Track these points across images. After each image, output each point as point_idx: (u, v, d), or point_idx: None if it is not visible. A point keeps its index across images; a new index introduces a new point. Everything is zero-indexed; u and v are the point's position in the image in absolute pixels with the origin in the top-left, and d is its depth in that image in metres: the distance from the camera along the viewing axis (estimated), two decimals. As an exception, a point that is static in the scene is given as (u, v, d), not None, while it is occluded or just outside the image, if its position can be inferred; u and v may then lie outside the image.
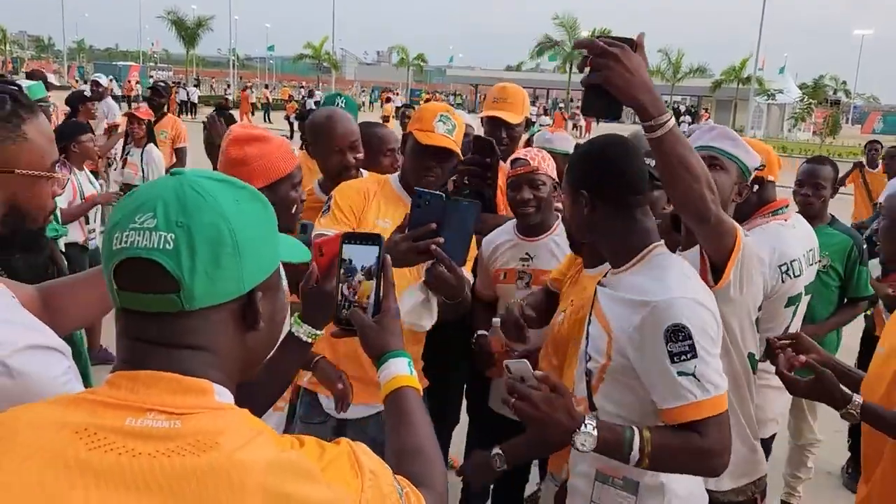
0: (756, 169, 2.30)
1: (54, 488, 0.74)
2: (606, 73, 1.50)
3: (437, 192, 1.89)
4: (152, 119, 6.46)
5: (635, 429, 1.59)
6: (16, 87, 1.26)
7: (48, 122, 1.31)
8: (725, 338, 1.95)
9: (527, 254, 2.68)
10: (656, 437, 1.58)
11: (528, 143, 3.62)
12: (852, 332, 3.71)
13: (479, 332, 2.61)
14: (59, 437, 0.76)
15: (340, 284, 1.31)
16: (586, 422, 1.57)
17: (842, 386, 1.93)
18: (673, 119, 1.58)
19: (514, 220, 2.78)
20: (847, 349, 3.55)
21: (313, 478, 0.80)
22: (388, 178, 2.48)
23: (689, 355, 1.56)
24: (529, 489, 2.96)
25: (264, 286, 0.90)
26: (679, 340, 1.56)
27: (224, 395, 0.86)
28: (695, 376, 1.56)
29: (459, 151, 2.33)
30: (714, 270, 1.86)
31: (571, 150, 3.89)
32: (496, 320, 2.58)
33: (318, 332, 1.43)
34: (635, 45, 1.53)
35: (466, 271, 2.09)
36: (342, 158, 2.70)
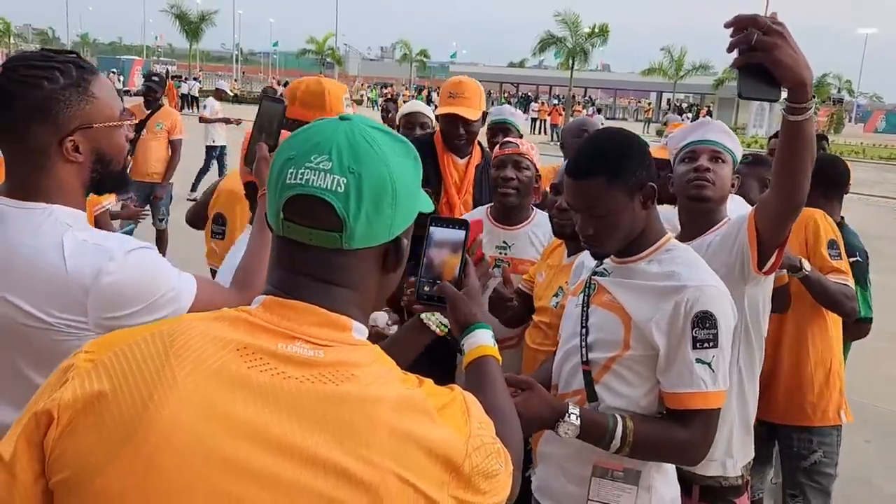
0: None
1: (218, 397, 0.82)
2: (775, 53, 1.40)
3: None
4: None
5: (618, 417, 1.58)
6: (73, 54, 1.43)
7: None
8: (748, 318, 2.01)
9: (504, 242, 2.67)
10: (639, 427, 1.58)
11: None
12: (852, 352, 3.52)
13: None
14: (224, 352, 0.85)
15: (422, 262, 1.35)
16: (570, 411, 1.56)
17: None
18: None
19: (486, 205, 2.79)
20: (849, 369, 3.13)
21: (430, 417, 0.87)
22: None
23: (711, 344, 1.56)
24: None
25: (405, 233, 0.98)
26: (705, 328, 1.55)
27: (360, 332, 0.94)
28: (710, 366, 1.56)
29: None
30: (759, 257, 1.91)
31: (522, 129, 3.92)
32: None
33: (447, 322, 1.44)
34: None
35: None
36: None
